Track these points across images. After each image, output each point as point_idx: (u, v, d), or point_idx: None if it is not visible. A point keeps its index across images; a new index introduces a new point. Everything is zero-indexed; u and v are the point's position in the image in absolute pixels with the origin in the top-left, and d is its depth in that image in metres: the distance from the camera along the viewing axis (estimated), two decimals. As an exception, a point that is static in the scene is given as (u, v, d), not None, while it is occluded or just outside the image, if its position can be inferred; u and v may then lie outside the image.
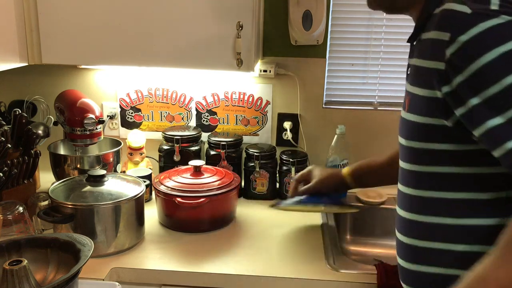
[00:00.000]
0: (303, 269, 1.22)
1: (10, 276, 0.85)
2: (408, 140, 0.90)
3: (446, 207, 0.87)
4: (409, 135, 0.90)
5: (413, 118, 0.87)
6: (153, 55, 1.39)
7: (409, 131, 0.90)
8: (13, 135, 1.45)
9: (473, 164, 0.84)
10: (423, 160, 0.88)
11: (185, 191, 1.39)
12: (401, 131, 0.94)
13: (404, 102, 0.93)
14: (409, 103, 0.90)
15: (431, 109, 0.83)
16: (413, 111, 0.88)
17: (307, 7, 1.59)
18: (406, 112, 0.90)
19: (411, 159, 0.91)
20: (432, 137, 0.85)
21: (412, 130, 0.89)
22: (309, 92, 1.72)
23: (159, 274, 1.21)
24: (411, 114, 0.88)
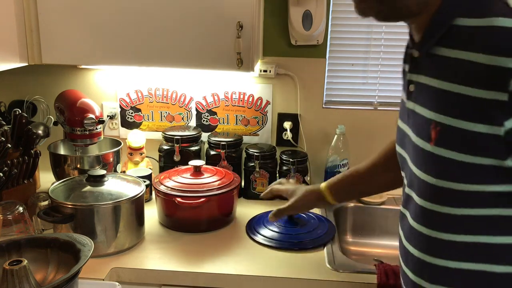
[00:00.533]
0: (303, 269, 1.22)
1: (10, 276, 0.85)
2: (440, 179, 0.76)
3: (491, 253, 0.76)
4: (442, 174, 0.76)
5: (450, 154, 0.74)
6: (153, 55, 1.39)
7: (442, 169, 0.76)
8: (13, 135, 1.45)
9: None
10: (461, 202, 0.75)
11: (185, 191, 1.39)
12: (424, 165, 0.80)
13: (425, 131, 0.78)
14: (439, 135, 0.75)
15: (484, 147, 0.70)
16: (450, 147, 0.74)
17: (307, 7, 1.59)
18: (434, 145, 0.76)
19: (441, 200, 0.78)
20: (480, 178, 0.73)
21: (447, 168, 0.75)
22: (309, 92, 1.72)
23: (159, 274, 1.21)
24: (447, 150, 0.74)
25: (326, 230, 1.40)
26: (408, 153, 0.86)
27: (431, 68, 0.77)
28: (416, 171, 0.82)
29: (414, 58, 0.83)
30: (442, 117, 0.74)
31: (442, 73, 0.75)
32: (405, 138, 0.88)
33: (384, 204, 1.63)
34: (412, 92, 0.83)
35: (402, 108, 0.91)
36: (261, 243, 1.34)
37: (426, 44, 0.79)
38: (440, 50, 0.76)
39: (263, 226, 1.42)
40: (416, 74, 0.82)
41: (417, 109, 0.80)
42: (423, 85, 0.79)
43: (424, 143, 0.78)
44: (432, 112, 0.76)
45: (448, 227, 0.78)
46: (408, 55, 0.87)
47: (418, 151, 0.80)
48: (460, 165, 0.73)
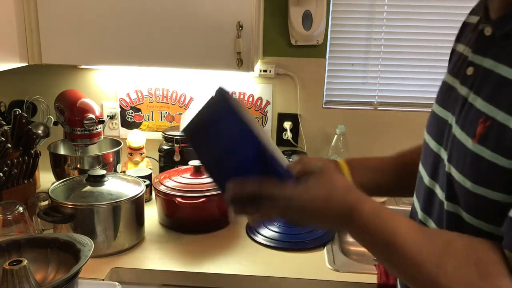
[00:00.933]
0: (303, 269, 1.22)
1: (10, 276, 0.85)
2: (475, 185, 0.63)
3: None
4: (479, 179, 0.62)
5: (492, 157, 0.60)
6: (153, 55, 1.39)
7: (479, 173, 0.63)
8: (13, 135, 1.45)
9: None
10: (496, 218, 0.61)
11: (185, 191, 1.39)
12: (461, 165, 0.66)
13: (472, 124, 0.64)
14: (486, 132, 0.62)
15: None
16: (495, 149, 0.60)
17: (307, 7, 1.59)
18: (477, 143, 0.62)
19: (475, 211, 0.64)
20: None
21: (485, 173, 0.62)
22: (309, 92, 1.72)
23: (159, 274, 1.21)
24: (490, 151, 0.61)
25: (326, 230, 1.40)
26: (446, 146, 0.72)
27: (504, 53, 0.63)
28: (451, 169, 0.68)
29: (483, 37, 0.68)
30: (496, 112, 0.61)
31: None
32: (444, 128, 0.73)
33: (384, 204, 1.63)
34: (470, 77, 0.68)
35: (446, 93, 0.76)
36: (261, 243, 1.34)
37: (508, 22, 0.63)
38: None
39: (263, 226, 1.42)
40: (481, 56, 0.67)
41: (471, 97, 0.66)
42: (487, 71, 0.65)
43: (466, 139, 0.65)
44: (487, 104, 0.63)
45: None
46: (473, 32, 0.72)
47: (459, 147, 0.67)
48: (499, 169, 0.60)
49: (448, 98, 0.74)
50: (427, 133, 0.80)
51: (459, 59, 0.74)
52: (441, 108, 0.76)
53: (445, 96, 0.76)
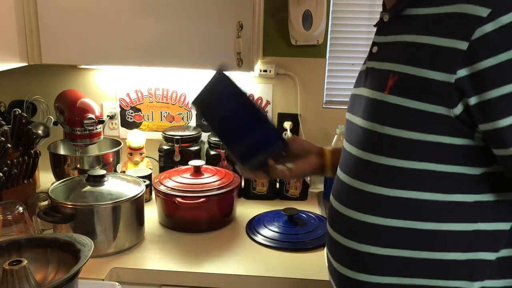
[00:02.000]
0: (303, 269, 1.22)
1: (10, 276, 0.85)
2: (385, 126, 0.78)
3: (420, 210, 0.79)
4: (389, 121, 0.77)
5: (401, 102, 0.75)
6: (153, 55, 1.39)
7: (390, 116, 0.77)
8: (13, 135, 1.45)
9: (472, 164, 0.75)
10: (400, 152, 0.77)
11: (185, 191, 1.39)
12: (372, 115, 0.81)
13: (382, 82, 0.80)
14: (395, 84, 0.77)
15: (436, 94, 0.72)
16: (403, 94, 0.75)
17: (307, 7, 1.59)
18: (388, 94, 0.77)
19: (381, 149, 0.79)
20: (426, 126, 0.74)
21: (397, 116, 0.76)
22: (309, 92, 1.72)
23: (159, 274, 1.21)
24: (399, 97, 0.76)
25: (326, 230, 1.40)
26: (356, 112, 0.88)
27: (399, 28, 0.80)
28: (362, 122, 0.83)
29: (383, 23, 0.86)
30: (401, 66, 0.76)
31: (409, 29, 0.78)
32: (356, 101, 0.90)
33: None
34: (375, 53, 0.86)
35: (358, 77, 0.94)
36: (261, 243, 1.34)
37: (397, 7, 0.82)
38: (411, 10, 0.79)
39: (263, 226, 1.42)
40: (382, 36, 0.85)
41: (377, 65, 0.83)
42: (388, 44, 0.82)
43: (378, 94, 0.80)
44: (393, 64, 0.78)
45: (381, 180, 0.80)
46: (378, 22, 0.90)
47: (370, 103, 0.82)
48: (411, 112, 0.74)
49: (359, 79, 0.93)
50: (347, 112, 0.97)
51: (369, 46, 0.91)
52: (354, 88, 0.95)
53: (357, 79, 0.95)
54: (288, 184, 1.65)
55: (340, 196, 0.90)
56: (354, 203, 0.85)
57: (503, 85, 0.67)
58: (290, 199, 1.66)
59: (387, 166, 0.79)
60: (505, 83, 0.67)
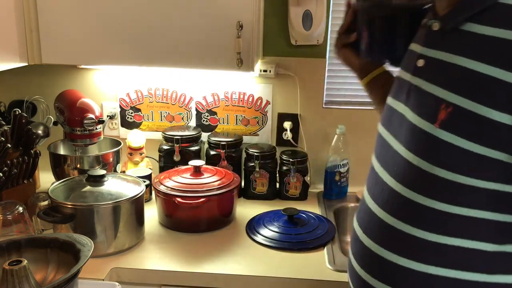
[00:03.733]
0: (303, 269, 1.22)
1: (10, 276, 0.85)
2: (435, 166, 0.68)
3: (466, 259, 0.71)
4: (440, 161, 0.68)
5: (456, 141, 0.66)
6: (153, 55, 1.39)
7: (441, 155, 0.68)
8: (13, 135, 1.45)
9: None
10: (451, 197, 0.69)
11: (185, 191, 1.39)
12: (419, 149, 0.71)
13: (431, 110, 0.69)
14: (449, 118, 0.66)
15: (499, 139, 0.63)
16: (459, 132, 0.65)
17: (307, 7, 1.59)
18: (440, 128, 0.67)
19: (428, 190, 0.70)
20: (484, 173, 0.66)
21: (449, 155, 0.67)
22: (309, 92, 1.72)
23: (159, 274, 1.21)
24: (453, 135, 0.66)
25: (326, 230, 1.40)
26: (396, 134, 0.78)
27: (456, 45, 0.69)
28: (407, 154, 0.73)
29: (431, 32, 0.75)
30: (456, 97, 0.66)
31: (470, 51, 0.67)
32: (395, 117, 0.80)
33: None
34: (421, 68, 0.75)
35: (398, 86, 0.83)
36: (261, 243, 1.34)
37: (455, 17, 0.70)
38: (472, 26, 0.68)
39: (263, 226, 1.42)
40: (431, 49, 0.74)
41: (425, 86, 0.72)
42: (440, 62, 0.71)
43: (426, 124, 0.69)
44: (446, 91, 0.67)
45: (425, 223, 0.71)
46: (421, 30, 0.79)
47: (416, 132, 0.72)
48: (466, 153, 0.65)
49: (399, 89, 0.81)
50: (380, 125, 0.87)
51: (409, 54, 0.82)
52: (393, 99, 0.83)
53: (397, 88, 0.83)
54: (288, 184, 1.65)
55: (374, 233, 0.80)
56: (394, 245, 0.75)
57: None
58: (290, 199, 1.66)
59: (435, 210, 0.70)
60: None
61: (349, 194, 1.71)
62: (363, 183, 1.91)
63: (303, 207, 1.55)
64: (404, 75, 0.81)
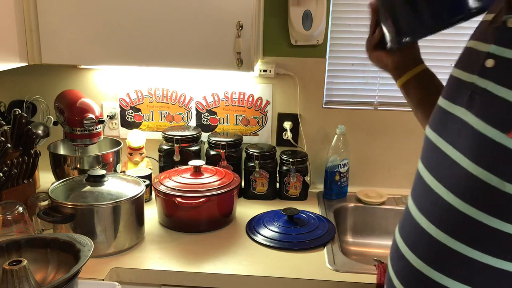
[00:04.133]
0: (303, 269, 1.22)
1: (10, 276, 0.85)
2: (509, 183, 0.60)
3: None
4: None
5: None
6: (153, 55, 1.39)
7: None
8: (13, 135, 1.45)
9: None
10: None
11: (185, 191, 1.39)
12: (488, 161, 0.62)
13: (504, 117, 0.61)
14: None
15: None
16: None
17: (307, 7, 1.59)
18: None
19: (499, 210, 0.61)
20: None
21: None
22: (309, 92, 1.72)
23: (159, 274, 1.21)
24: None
25: (326, 230, 1.40)
26: (454, 142, 0.69)
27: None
28: (471, 166, 0.64)
29: (505, 29, 0.65)
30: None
31: None
32: (451, 122, 0.71)
33: (384, 204, 1.64)
34: (491, 69, 0.65)
35: (455, 87, 0.74)
36: (261, 243, 1.34)
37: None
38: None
39: (263, 226, 1.42)
40: (503, 48, 0.65)
41: (496, 90, 0.63)
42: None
43: (497, 133, 0.61)
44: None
45: (487, 245, 0.63)
46: (489, 27, 0.71)
47: (482, 141, 0.63)
48: None
49: (457, 91, 0.72)
50: (429, 129, 0.78)
51: (472, 53, 0.72)
52: (448, 101, 0.74)
53: (454, 89, 0.74)
54: (288, 184, 1.65)
55: (423, 251, 0.71)
56: (448, 267, 0.67)
57: None
58: (290, 199, 1.66)
59: (502, 232, 0.62)
60: None
61: (349, 194, 1.71)
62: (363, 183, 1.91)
63: (303, 207, 1.55)
64: (465, 75, 0.71)
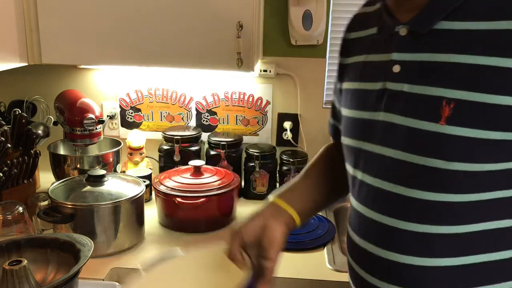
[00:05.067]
0: (303, 269, 1.22)
1: (10, 276, 0.85)
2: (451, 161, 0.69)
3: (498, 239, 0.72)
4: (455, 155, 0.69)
5: (465, 132, 0.67)
6: (153, 55, 1.39)
7: (454, 150, 0.68)
8: (13, 135, 1.45)
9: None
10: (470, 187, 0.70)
11: (185, 191, 1.39)
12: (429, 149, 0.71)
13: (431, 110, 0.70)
14: (453, 113, 0.68)
15: (507, 121, 0.65)
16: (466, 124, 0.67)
17: (307, 7, 1.59)
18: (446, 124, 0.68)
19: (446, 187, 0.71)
20: (497, 155, 0.68)
21: (462, 148, 0.68)
22: (309, 92, 1.72)
23: (159, 274, 1.21)
24: (461, 127, 0.67)
25: (326, 230, 1.40)
26: (383, 141, 0.78)
27: (435, 45, 0.71)
28: (405, 155, 0.73)
29: (400, 37, 0.75)
30: (456, 92, 0.67)
31: (453, 47, 0.68)
32: (370, 126, 0.79)
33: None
34: (399, 73, 0.75)
35: (362, 97, 0.83)
36: (261, 243, 1.34)
37: (428, 19, 0.71)
38: (444, 24, 0.70)
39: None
40: (406, 53, 0.74)
41: (413, 89, 0.72)
42: (421, 64, 0.72)
43: (430, 124, 0.70)
44: (442, 89, 0.69)
45: (443, 218, 0.72)
46: (384, 35, 0.80)
47: (417, 135, 0.71)
48: (476, 142, 0.66)
49: (365, 100, 0.81)
50: (348, 138, 0.86)
51: (371, 65, 0.81)
52: (362, 111, 0.82)
53: (364, 99, 0.82)
54: (288, 184, 1.65)
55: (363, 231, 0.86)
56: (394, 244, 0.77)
57: None
58: (290, 199, 1.65)
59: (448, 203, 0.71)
60: None
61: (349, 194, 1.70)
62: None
63: (303, 207, 1.54)
64: (370, 85, 0.80)
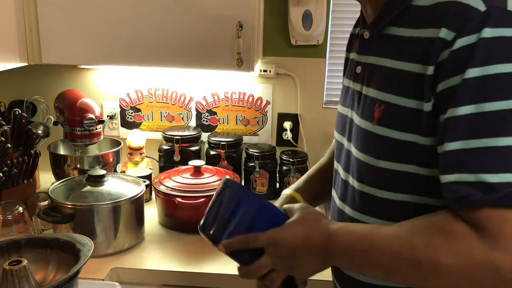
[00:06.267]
0: (303, 269, 1.22)
1: (10, 276, 0.85)
2: (381, 160, 0.74)
3: None
4: (383, 154, 0.74)
5: (389, 133, 0.72)
6: (153, 55, 1.39)
7: (382, 149, 0.74)
8: (13, 135, 1.45)
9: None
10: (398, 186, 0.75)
11: (185, 191, 1.39)
12: (366, 147, 0.77)
13: (369, 111, 0.76)
14: (382, 114, 0.73)
15: (414, 124, 0.69)
16: (390, 125, 0.72)
17: (307, 7, 1.59)
18: (377, 125, 0.74)
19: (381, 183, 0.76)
20: (411, 159, 0.72)
21: (388, 148, 0.73)
22: (309, 92, 1.72)
23: (159, 274, 1.21)
24: (387, 128, 0.72)
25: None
26: (350, 137, 0.84)
27: (381, 48, 0.76)
28: (358, 154, 0.79)
29: (363, 40, 0.82)
30: (385, 95, 0.73)
31: (390, 52, 0.74)
32: (346, 122, 0.86)
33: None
34: (360, 74, 0.81)
35: (344, 93, 0.89)
36: (261, 243, 1.34)
37: (379, 24, 0.77)
38: (392, 29, 0.75)
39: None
40: (365, 56, 0.80)
41: (365, 90, 0.78)
42: (372, 66, 0.77)
43: (367, 124, 0.76)
44: (378, 91, 0.75)
45: (388, 214, 0.76)
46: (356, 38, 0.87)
47: (362, 133, 0.78)
48: (398, 143, 0.71)
49: (345, 96, 0.88)
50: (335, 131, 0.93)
51: (351, 63, 0.88)
52: (341, 106, 0.90)
53: (343, 95, 0.90)
54: (288, 184, 1.65)
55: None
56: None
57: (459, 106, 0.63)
58: (290, 199, 1.65)
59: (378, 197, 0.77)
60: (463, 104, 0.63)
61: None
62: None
63: (303, 207, 1.54)
64: (348, 82, 0.88)
